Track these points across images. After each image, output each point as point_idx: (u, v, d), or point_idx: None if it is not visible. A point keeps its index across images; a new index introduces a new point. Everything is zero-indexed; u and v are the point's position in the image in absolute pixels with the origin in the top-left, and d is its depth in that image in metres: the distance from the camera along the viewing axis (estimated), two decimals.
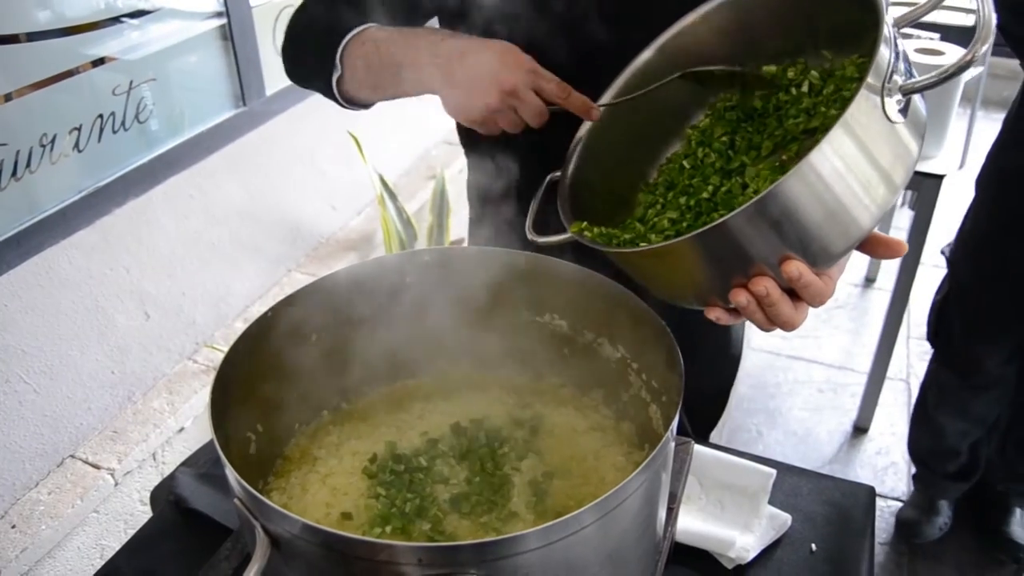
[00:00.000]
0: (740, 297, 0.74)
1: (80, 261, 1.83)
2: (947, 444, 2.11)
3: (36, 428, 1.72)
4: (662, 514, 0.86)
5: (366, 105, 1.10)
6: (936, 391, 2.11)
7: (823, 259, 0.73)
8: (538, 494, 0.94)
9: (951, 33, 2.43)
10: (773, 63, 0.91)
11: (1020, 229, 1.79)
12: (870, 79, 0.68)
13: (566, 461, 1.00)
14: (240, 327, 2.19)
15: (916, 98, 0.72)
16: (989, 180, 1.85)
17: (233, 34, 2.22)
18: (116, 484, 1.76)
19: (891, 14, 0.74)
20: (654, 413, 0.98)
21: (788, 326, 0.76)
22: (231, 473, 0.74)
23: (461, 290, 1.09)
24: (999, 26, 1.69)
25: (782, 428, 2.66)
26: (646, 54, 0.98)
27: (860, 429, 2.64)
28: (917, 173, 2.15)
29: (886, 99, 0.69)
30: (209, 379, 1.99)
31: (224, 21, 2.20)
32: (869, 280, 3.35)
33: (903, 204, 3.55)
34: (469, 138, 1.25)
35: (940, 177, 2.13)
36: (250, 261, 2.31)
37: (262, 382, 0.97)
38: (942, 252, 2.02)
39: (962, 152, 3.35)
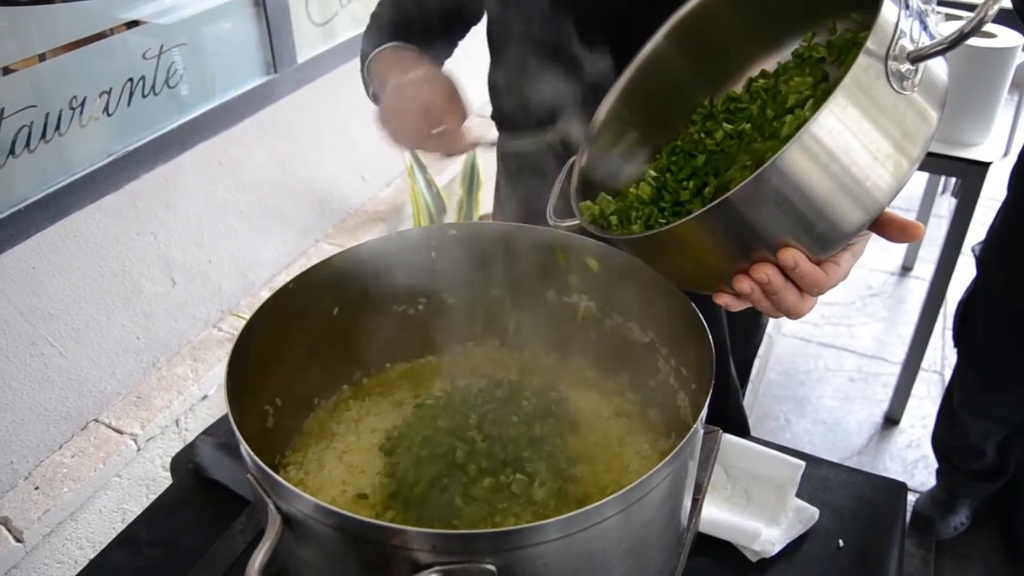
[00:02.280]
0: (743, 284, 0.71)
1: (108, 225, 1.83)
2: (970, 443, 2.06)
3: (61, 391, 1.73)
4: (687, 504, 0.83)
5: None
6: (960, 389, 2.06)
7: (830, 243, 0.69)
8: (560, 480, 0.91)
9: (1000, 16, 2.35)
10: (796, 32, 0.88)
11: None
12: (871, 45, 0.63)
13: (590, 447, 0.98)
14: (266, 296, 2.19)
15: (933, 64, 0.67)
16: (1022, 178, 1.77)
17: (265, 0, 2.19)
18: (139, 449, 1.77)
19: None
20: (682, 401, 0.95)
21: (793, 314, 0.73)
22: (245, 449, 0.72)
23: (487, 267, 1.07)
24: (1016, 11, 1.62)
25: (811, 417, 2.61)
26: (656, 40, 0.94)
27: (891, 421, 2.59)
28: (961, 160, 2.10)
29: (891, 66, 0.64)
30: None
31: None
32: (906, 268, 3.27)
33: (943, 192, 3.46)
34: (501, 113, 1.26)
35: (986, 165, 2.05)
36: (277, 230, 2.30)
37: (282, 354, 0.95)
38: (972, 250, 1.96)
39: (1007, 140, 3.26)
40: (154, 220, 1.93)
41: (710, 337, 0.81)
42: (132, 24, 1.86)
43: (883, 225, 0.72)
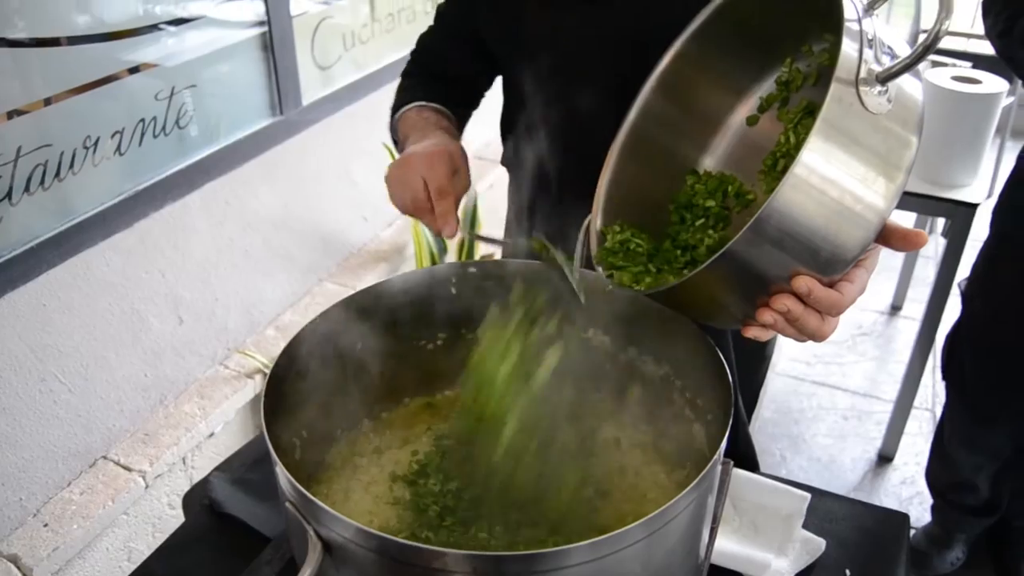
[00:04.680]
0: (766, 316, 0.75)
1: (117, 263, 1.85)
2: (963, 477, 2.10)
3: (70, 428, 1.74)
4: (705, 534, 0.86)
5: None
6: (950, 423, 2.10)
7: (839, 264, 0.72)
8: (582, 509, 0.94)
9: (982, 61, 2.44)
10: (777, 55, 0.94)
11: None
12: (840, 74, 0.67)
13: (608, 476, 1.00)
14: (271, 334, 2.21)
15: (904, 83, 0.71)
16: (1004, 216, 1.84)
17: (273, 43, 2.24)
18: (147, 487, 1.78)
19: (857, 3, 0.73)
20: (697, 432, 0.98)
21: (818, 337, 0.77)
22: (284, 475, 0.74)
23: (504, 303, 1.10)
24: (1000, 54, 1.71)
25: (806, 454, 2.64)
26: (645, 92, 1.00)
27: (885, 458, 2.62)
28: (950, 201, 2.16)
29: (862, 90, 0.68)
30: (240, 385, 2.00)
31: (265, 30, 2.22)
32: (895, 308, 3.33)
33: (930, 233, 3.54)
34: (516, 153, 1.30)
35: (974, 206, 2.12)
36: (282, 269, 2.33)
37: (308, 387, 0.98)
38: (958, 286, 2.02)
39: (991, 181, 3.35)
40: (162, 259, 1.96)
41: (727, 369, 0.84)
42: (141, 68, 1.91)
43: (887, 237, 0.75)
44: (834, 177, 0.67)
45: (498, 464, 0.98)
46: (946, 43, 4.17)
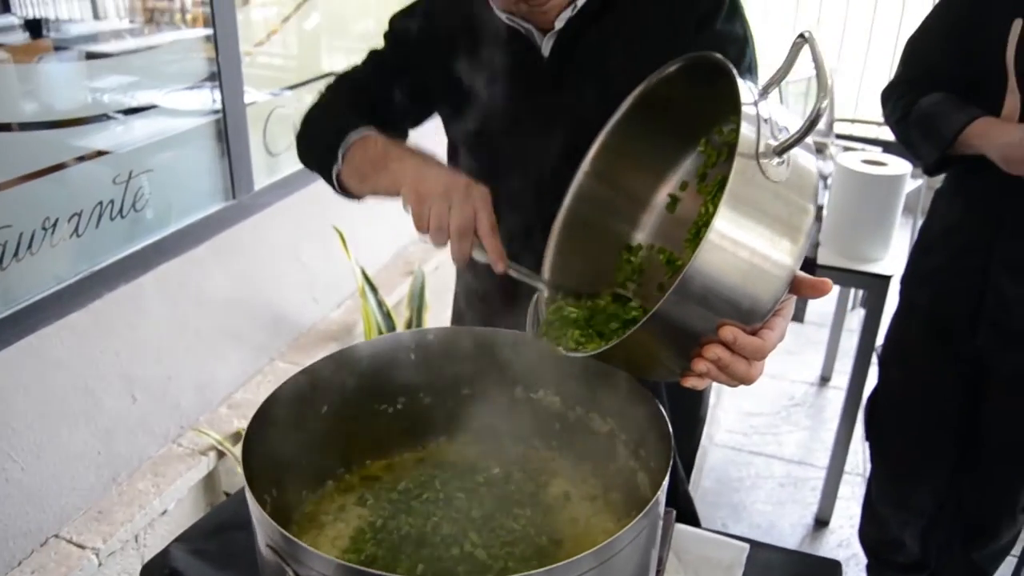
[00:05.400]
0: (700, 365, 0.84)
1: (72, 343, 1.88)
2: (892, 535, 2.20)
3: (21, 506, 1.73)
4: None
5: (355, 196, 1.23)
6: (876, 483, 2.22)
7: (758, 314, 0.83)
8: (536, 556, 1.01)
9: (893, 147, 2.67)
10: (694, 137, 1.08)
11: (936, 329, 1.93)
12: (741, 150, 0.78)
13: (561, 526, 1.07)
14: (224, 412, 2.23)
15: (799, 155, 0.82)
16: (910, 285, 2.01)
17: (228, 131, 2.33)
18: (99, 564, 1.76)
19: (753, 90, 0.86)
20: (642, 481, 1.06)
21: (747, 380, 0.87)
22: (263, 519, 0.80)
23: (460, 368, 1.19)
24: (898, 139, 1.91)
25: (746, 521, 2.73)
26: (579, 177, 1.12)
27: (821, 522, 2.72)
28: (864, 274, 2.34)
29: (763, 163, 0.79)
30: (194, 462, 2.02)
31: (219, 118, 2.32)
32: (824, 379, 3.50)
33: (853, 308, 3.75)
34: None
35: (887, 278, 2.30)
36: (234, 349, 2.37)
37: (278, 447, 1.03)
38: (875, 351, 2.17)
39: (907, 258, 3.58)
40: (116, 338, 1.99)
41: (664, 413, 0.94)
42: (102, 152, 1.97)
43: (797, 288, 0.86)
44: (743, 240, 0.79)
45: (455, 520, 1.05)
46: (859, 130, 4.50)
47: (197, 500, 2.08)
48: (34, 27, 1.83)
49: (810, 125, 0.79)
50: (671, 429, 0.93)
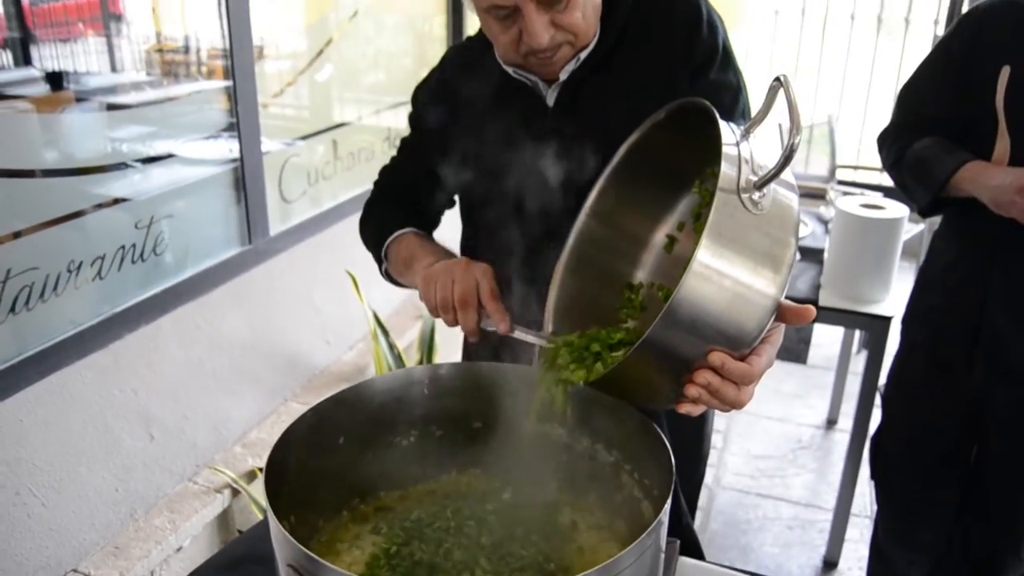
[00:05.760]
0: (691, 390, 0.90)
1: (93, 381, 1.93)
2: (899, 575, 2.21)
3: (42, 541, 1.77)
4: None
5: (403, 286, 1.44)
6: (882, 522, 2.23)
7: (744, 341, 0.87)
8: None
9: (894, 192, 2.73)
10: (688, 179, 1.16)
11: (936, 366, 1.97)
12: (722, 186, 0.84)
13: (568, 556, 1.11)
14: (239, 451, 2.28)
15: (779, 192, 0.89)
16: (910, 325, 2.05)
17: (245, 179, 2.41)
18: None
19: (736, 131, 0.92)
20: (646, 510, 1.10)
21: (737, 405, 0.92)
22: (285, 539, 0.84)
23: (471, 402, 1.23)
24: (895, 183, 1.97)
25: (755, 563, 2.73)
26: (581, 220, 1.19)
27: (830, 564, 2.73)
28: (866, 315, 2.38)
29: (743, 197, 0.85)
30: (209, 499, 2.06)
31: (237, 166, 2.40)
32: (831, 422, 3.52)
33: (859, 351, 3.78)
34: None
35: (887, 319, 2.34)
36: (249, 389, 2.42)
37: (297, 476, 1.08)
38: (879, 390, 2.20)
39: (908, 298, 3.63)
40: (135, 378, 2.04)
41: (665, 441, 0.98)
42: (125, 199, 2.05)
43: (782, 316, 0.92)
44: (726, 269, 0.84)
45: (467, 550, 1.09)
46: (862, 176, 4.59)
47: (212, 537, 2.11)
48: (55, 79, 1.91)
49: (784, 161, 0.86)
50: (672, 457, 0.97)
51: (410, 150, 1.51)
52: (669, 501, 0.91)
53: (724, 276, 0.84)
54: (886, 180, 3.23)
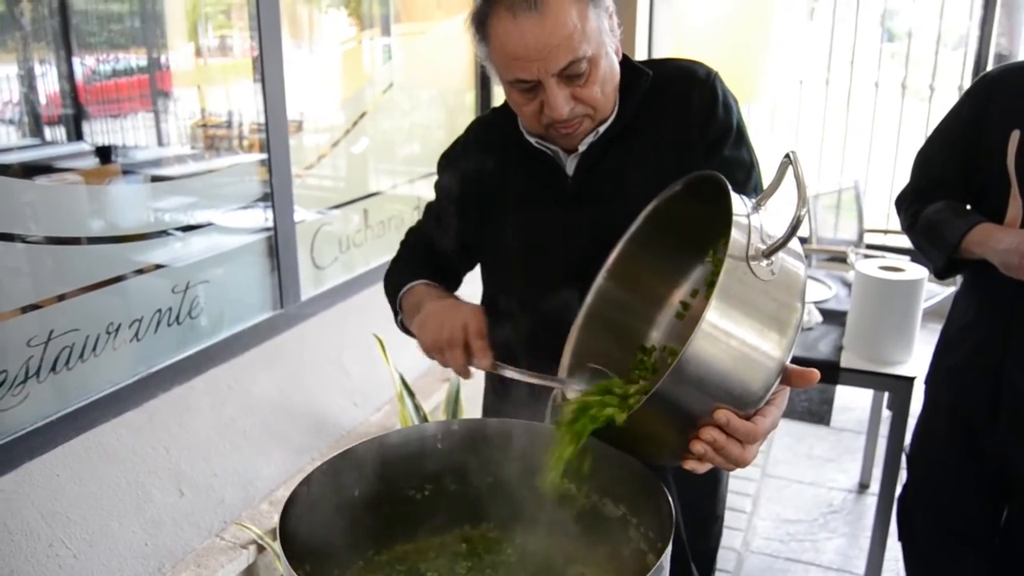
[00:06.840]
0: (697, 447, 0.93)
1: (127, 439, 2.00)
2: None
3: None
4: None
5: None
6: None
7: (750, 400, 0.91)
8: None
9: (918, 256, 2.75)
10: (704, 246, 1.21)
11: (959, 426, 1.97)
12: (732, 253, 0.90)
13: None
14: (266, 508, 2.32)
15: (786, 260, 0.93)
16: (933, 385, 2.05)
17: (278, 247, 2.50)
18: None
19: (747, 203, 0.97)
20: (651, 562, 1.12)
21: (741, 463, 0.95)
22: None
23: (483, 457, 1.28)
24: (913, 245, 2.00)
25: None
26: (599, 281, 1.26)
27: None
28: (889, 376, 2.38)
29: (752, 264, 0.90)
30: (235, 555, 2.09)
31: (270, 235, 2.50)
32: (863, 486, 3.47)
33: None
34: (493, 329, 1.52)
35: (910, 379, 2.34)
36: (277, 449, 2.47)
37: (312, 526, 1.12)
38: (904, 450, 2.19)
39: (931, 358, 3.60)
40: (167, 436, 2.11)
41: (667, 494, 1.01)
42: (164, 266, 2.14)
43: (787, 378, 0.95)
44: (733, 330, 0.89)
45: None
46: (890, 240, 4.59)
47: None
48: (104, 153, 2.03)
49: (791, 231, 0.91)
50: (673, 504, 1.00)
51: (434, 213, 1.58)
52: (669, 547, 0.93)
53: (732, 336, 0.88)
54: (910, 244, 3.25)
